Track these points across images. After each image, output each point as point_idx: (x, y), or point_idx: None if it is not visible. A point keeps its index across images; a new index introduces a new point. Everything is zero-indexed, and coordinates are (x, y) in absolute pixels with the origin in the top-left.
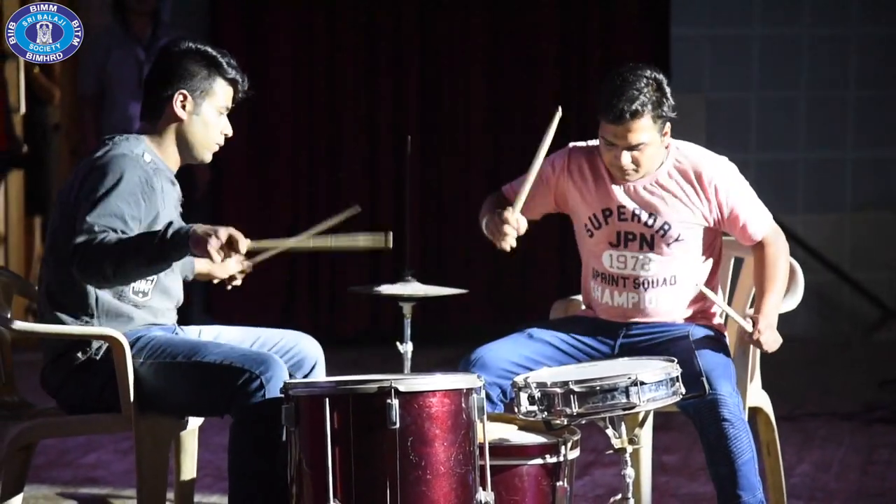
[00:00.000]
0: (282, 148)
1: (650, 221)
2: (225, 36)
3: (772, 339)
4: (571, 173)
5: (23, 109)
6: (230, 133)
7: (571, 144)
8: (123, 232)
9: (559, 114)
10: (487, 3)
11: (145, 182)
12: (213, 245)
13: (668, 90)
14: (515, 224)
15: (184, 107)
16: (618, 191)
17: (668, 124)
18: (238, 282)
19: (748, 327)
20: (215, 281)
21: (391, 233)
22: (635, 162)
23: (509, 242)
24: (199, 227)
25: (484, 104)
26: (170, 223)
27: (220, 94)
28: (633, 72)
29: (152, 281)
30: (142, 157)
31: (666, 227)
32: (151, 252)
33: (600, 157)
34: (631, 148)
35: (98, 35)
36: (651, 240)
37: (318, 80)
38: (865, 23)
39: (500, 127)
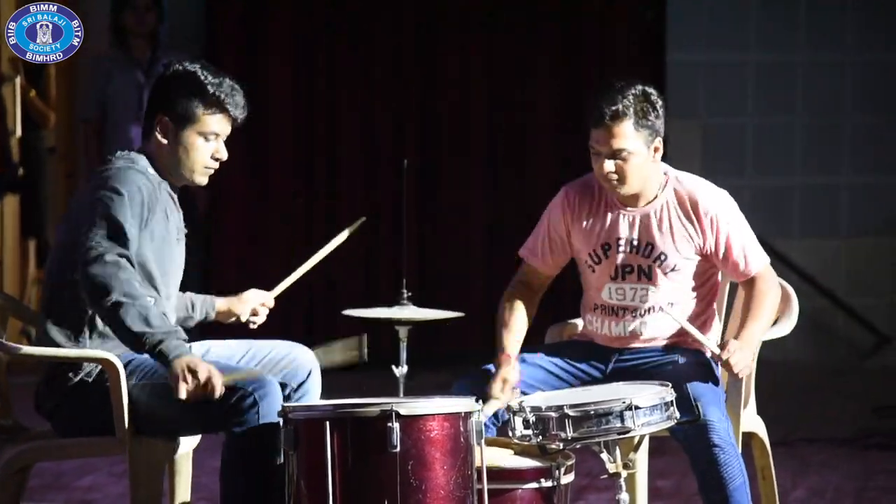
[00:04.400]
0: (280, 170)
1: (647, 252)
2: (222, 59)
3: (742, 362)
4: (572, 210)
5: (18, 132)
6: (223, 157)
7: (564, 186)
8: (126, 251)
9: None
10: (485, 28)
11: (150, 193)
12: (182, 388)
13: (658, 104)
14: (510, 388)
15: (165, 132)
16: (614, 223)
17: (659, 140)
18: (262, 319)
19: (716, 350)
20: (239, 319)
21: (364, 218)
22: (619, 171)
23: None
24: (183, 362)
25: (482, 128)
26: (170, 333)
27: (205, 121)
28: (622, 82)
29: None
30: (147, 170)
31: (662, 257)
32: (135, 339)
33: (594, 185)
34: (613, 155)
35: (99, 59)
36: (648, 270)
37: (316, 102)
38: (861, 48)
39: (498, 151)
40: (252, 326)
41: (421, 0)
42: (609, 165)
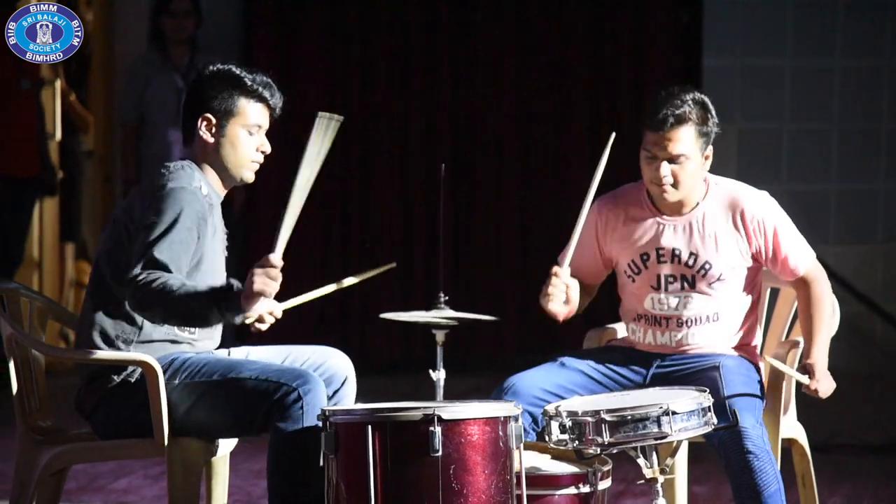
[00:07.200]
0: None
1: (690, 262)
2: (258, 63)
3: (827, 387)
4: (606, 224)
5: (58, 136)
6: (267, 150)
7: (596, 201)
8: (168, 273)
9: (612, 137)
10: (518, 34)
11: (201, 218)
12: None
13: (713, 111)
14: (562, 282)
15: (210, 130)
16: (655, 232)
17: (710, 148)
18: (265, 326)
19: (805, 380)
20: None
21: (394, 264)
22: (674, 176)
23: (555, 301)
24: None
25: (515, 133)
26: (226, 290)
27: (247, 113)
28: (679, 88)
29: None
30: (199, 190)
31: (707, 266)
32: (205, 313)
33: (626, 196)
34: (671, 160)
35: (136, 63)
36: (692, 280)
37: (351, 107)
38: None
39: (532, 156)
40: (253, 330)
41: (455, 8)
42: (665, 169)
